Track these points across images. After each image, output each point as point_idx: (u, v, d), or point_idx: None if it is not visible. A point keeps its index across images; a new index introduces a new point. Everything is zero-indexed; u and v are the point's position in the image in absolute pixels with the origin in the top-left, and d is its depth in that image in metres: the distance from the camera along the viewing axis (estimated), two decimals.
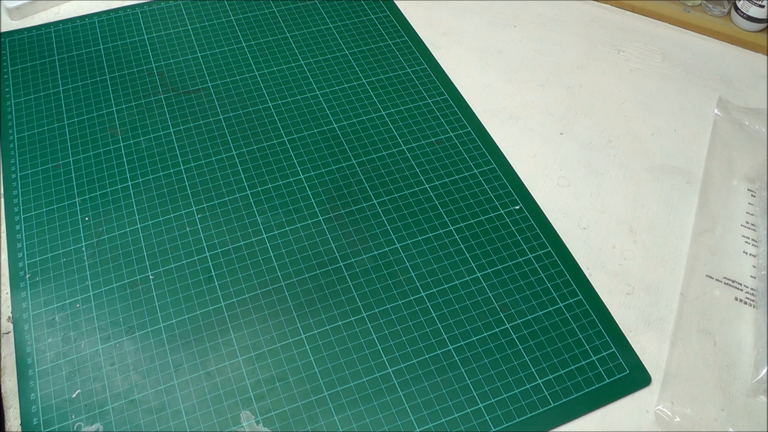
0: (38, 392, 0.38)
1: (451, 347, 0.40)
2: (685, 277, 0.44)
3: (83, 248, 0.44)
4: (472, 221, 0.46)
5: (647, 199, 0.48)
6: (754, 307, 0.42)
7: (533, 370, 0.39)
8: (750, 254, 0.45)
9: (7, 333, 0.40)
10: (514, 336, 0.41)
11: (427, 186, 0.48)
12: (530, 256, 0.45)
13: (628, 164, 0.51)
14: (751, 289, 0.43)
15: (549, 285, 0.43)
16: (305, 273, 0.43)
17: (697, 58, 0.59)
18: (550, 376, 0.39)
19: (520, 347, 0.40)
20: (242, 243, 0.45)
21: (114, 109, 0.53)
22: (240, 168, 0.49)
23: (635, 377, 0.39)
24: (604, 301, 0.43)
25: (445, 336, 0.41)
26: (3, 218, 0.46)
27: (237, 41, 0.59)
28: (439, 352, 0.40)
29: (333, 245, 0.45)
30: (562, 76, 0.57)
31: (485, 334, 0.41)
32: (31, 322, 0.41)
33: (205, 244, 0.44)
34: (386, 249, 0.45)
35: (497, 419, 0.37)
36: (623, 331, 0.41)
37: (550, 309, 0.42)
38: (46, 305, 0.41)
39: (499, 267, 0.44)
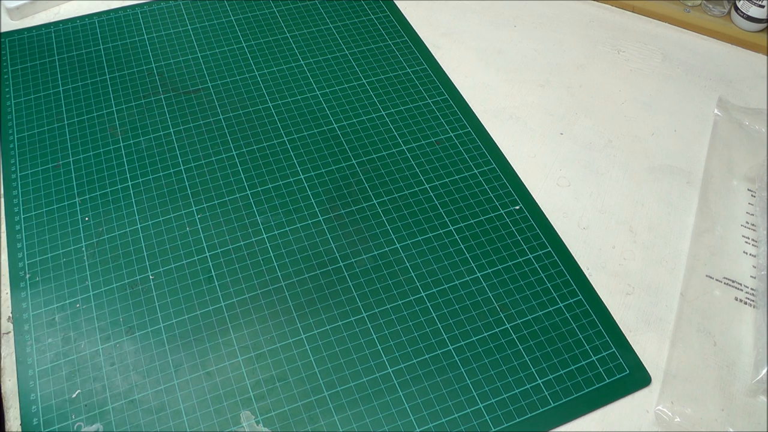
0: (38, 392, 0.38)
1: (451, 347, 0.40)
2: (685, 277, 0.44)
3: (83, 248, 0.44)
4: (472, 221, 0.46)
5: (647, 199, 0.48)
6: (754, 307, 0.42)
7: (533, 370, 0.39)
8: (750, 254, 0.45)
9: (7, 333, 0.40)
10: (514, 336, 0.41)
11: (427, 186, 0.48)
12: (530, 256, 0.45)
13: (628, 164, 0.51)
14: (751, 289, 0.43)
15: (549, 285, 0.43)
16: (305, 273, 0.43)
17: (697, 58, 0.59)
18: (550, 376, 0.39)
19: (520, 347, 0.40)
20: (242, 243, 0.45)
21: (114, 109, 0.53)
22: (240, 168, 0.49)
23: (635, 377, 0.39)
24: (604, 301, 0.43)
25: (445, 336, 0.41)
26: (3, 218, 0.46)
27: (237, 41, 0.59)
28: (439, 352, 0.40)
29: (333, 245, 0.45)
30: (562, 76, 0.57)
31: (485, 334, 0.41)
32: (31, 322, 0.41)
33: (205, 244, 0.44)
34: (386, 249, 0.45)
35: (497, 419, 0.37)
36: (623, 331, 0.41)
37: (550, 309, 0.42)
38: (46, 305, 0.41)
39: (499, 267, 0.44)
